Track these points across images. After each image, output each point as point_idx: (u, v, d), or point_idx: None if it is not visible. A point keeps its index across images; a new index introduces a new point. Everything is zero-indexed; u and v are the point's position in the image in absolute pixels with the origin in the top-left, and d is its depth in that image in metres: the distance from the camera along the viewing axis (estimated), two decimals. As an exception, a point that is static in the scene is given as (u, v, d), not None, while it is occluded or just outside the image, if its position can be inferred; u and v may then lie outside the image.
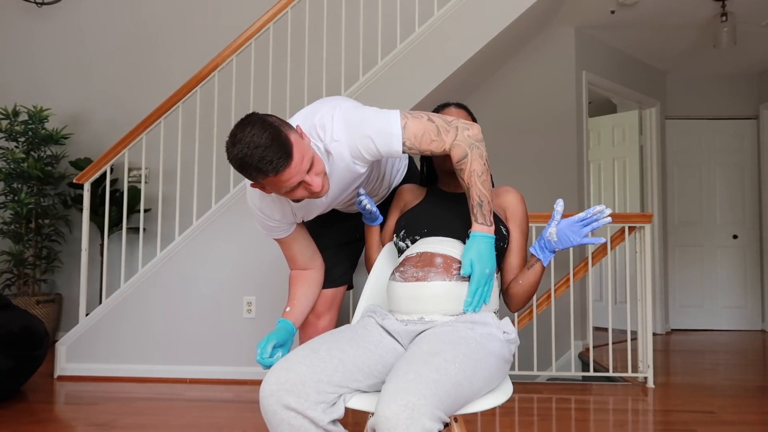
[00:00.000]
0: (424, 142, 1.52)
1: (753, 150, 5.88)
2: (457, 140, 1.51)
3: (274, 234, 1.72)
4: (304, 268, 1.80)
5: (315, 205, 1.69)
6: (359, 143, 1.52)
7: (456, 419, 1.31)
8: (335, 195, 1.68)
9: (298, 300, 1.75)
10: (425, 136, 1.51)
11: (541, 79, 4.68)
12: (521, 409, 2.86)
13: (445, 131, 1.52)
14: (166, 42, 4.80)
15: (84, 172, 3.56)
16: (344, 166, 1.57)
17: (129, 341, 3.43)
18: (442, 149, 1.52)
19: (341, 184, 1.63)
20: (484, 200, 1.51)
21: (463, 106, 1.76)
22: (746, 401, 3.06)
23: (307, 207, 1.68)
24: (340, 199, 1.73)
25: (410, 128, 1.51)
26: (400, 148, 1.51)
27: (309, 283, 1.80)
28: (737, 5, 4.30)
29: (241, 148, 1.35)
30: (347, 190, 1.70)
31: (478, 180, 1.50)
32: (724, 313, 5.81)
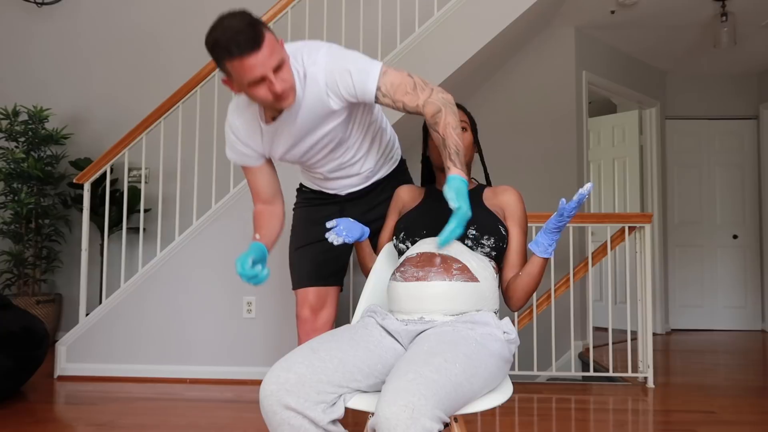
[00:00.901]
0: (399, 92, 1.57)
1: (753, 150, 5.88)
2: (431, 99, 1.56)
3: (243, 160, 1.78)
4: (267, 203, 1.84)
5: (283, 133, 1.70)
6: (337, 74, 1.57)
7: (456, 419, 1.31)
8: (303, 128, 1.68)
9: (265, 230, 1.77)
10: (401, 86, 1.57)
11: (541, 79, 4.68)
12: (521, 409, 2.86)
13: (421, 89, 1.58)
14: (166, 42, 4.80)
15: (84, 172, 3.56)
16: (317, 94, 1.60)
17: (129, 341, 3.43)
18: (415, 104, 1.57)
19: (311, 116, 1.65)
20: (461, 150, 1.53)
21: (460, 106, 1.76)
22: (746, 401, 3.06)
23: (274, 132, 1.70)
24: (308, 140, 1.72)
25: (389, 76, 1.58)
26: (374, 89, 1.57)
27: (272, 216, 1.83)
28: (737, 5, 4.30)
29: (217, 31, 1.45)
30: (318, 130, 1.69)
31: (454, 131, 1.53)
32: (724, 313, 5.81)
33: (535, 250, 1.49)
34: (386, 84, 1.57)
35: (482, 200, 1.68)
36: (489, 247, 1.57)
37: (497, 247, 1.58)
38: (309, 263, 1.98)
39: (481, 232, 1.57)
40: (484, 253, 1.57)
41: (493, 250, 1.58)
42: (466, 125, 1.73)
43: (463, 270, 1.50)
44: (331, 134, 1.72)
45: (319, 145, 1.75)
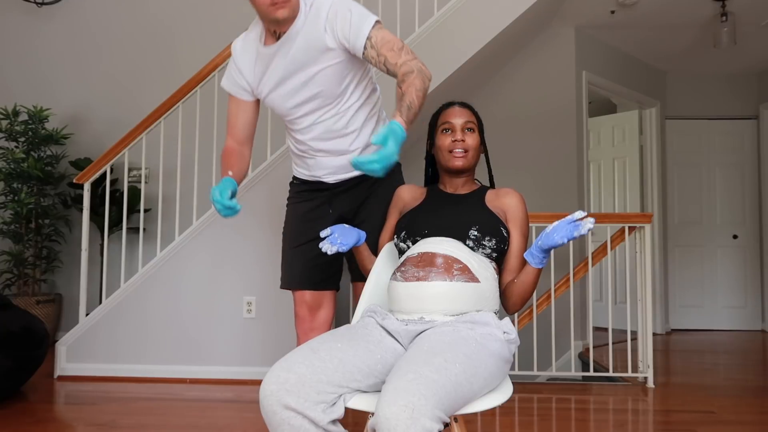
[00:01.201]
0: (385, 47, 1.65)
1: (753, 150, 5.88)
2: (410, 63, 1.63)
3: (233, 89, 1.87)
4: (238, 142, 1.92)
5: (277, 64, 1.76)
6: (339, 9, 1.68)
7: (456, 419, 1.31)
8: (296, 61, 1.74)
9: (236, 168, 1.85)
10: (389, 43, 1.65)
11: (541, 79, 4.68)
12: (521, 409, 2.86)
13: (405, 52, 1.66)
14: (166, 42, 4.80)
15: (84, 172, 3.56)
16: (316, 26, 1.69)
17: (129, 341, 3.43)
18: (394, 62, 1.64)
19: (306, 49, 1.72)
20: (413, 108, 1.54)
21: (468, 105, 1.75)
22: (746, 401, 3.06)
23: (269, 59, 1.77)
24: (298, 77, 1.76)
25: (382, 31, 1.68)
26: (366, 35, 1.66)
27: (242, 157, 1.91)
28: (737, 5, 4.30)
29: None
30: (309, 67, 1.73)
31: (415, 92, 1.56)
32: (724, 313, 5.81)
33: (529, 261, 1.48)
34: (377, 36, 1.66)
35: (484, 202, 1.68)
36: (490, 248, 1.57)
37: (498, 248, 1.58)
38: (301, 267, 1.96)
39: (482, 233, 1.57)
40: (485, 254, 1.57)
41: (494, 251, 1.58)
42: (474, 126, 1.71)
43: (464, 270, 1.50)
44: (322, 78, 1.75)
45: (308, 88, 1.77)
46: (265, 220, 3.39)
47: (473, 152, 1.70)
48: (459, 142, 1.68)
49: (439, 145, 1.72)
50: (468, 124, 1.70)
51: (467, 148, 1.68)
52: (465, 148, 1.68)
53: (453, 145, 1.68)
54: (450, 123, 1.70)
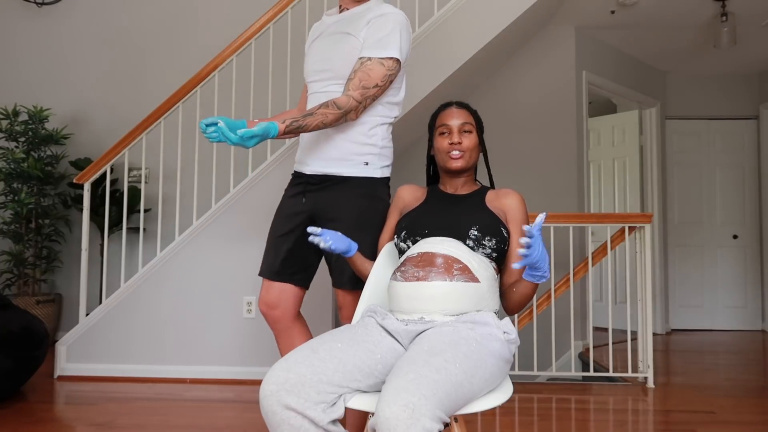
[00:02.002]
0: (362, 74, 1.79)
1: (753, 150, 5.88)
2: (350, 102, 1.77)
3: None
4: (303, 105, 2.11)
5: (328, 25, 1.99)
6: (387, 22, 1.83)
7: (456, 419, 1.31)
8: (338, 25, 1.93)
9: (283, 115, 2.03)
10: (367, 78, 1.79)
11: (541, 79, 4.68)
12: (521, 409, 2.86)
13: (361, 92, 1.79)
14: (166, 42, 4.80)
15: (84, 172, 3.56)
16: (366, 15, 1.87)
17: (129, 341, 3.43)
18: (348, 87, 1.79)
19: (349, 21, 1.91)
20: (302, 129, 1.71)
21: (465, 105, 1.75)
22: (746, 401, 3.06)
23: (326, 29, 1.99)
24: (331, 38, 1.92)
25: (381, 68, 1.81)
26: (372, 55, 1.80)
27: None
28: (737, 5, 4.30)
29: None
30: (342, 36, 1.89)
31: (319, 122, 1.73)
32: (724, 313, 5.81)
33: (530, 280, 1.44)
34: (373, 66, 1.80)
35: (485, 202, 1.68)
36: (490, 248, 1.57)
37: (498, 248, 1.58)
38: (272, 257, 1.98)
39: (483, 233, 1.57)
40: (485, 254, 1.57)
41: (494, 251, 1.58)
42: (471, 127, 1.71)
43: (463, 270, 1.50)
44: (341, 53, 1.87)
45: (330, 53, 1.90)
46: (265, 219, 3.39)
47: (471, 153, 1.70)
48: (456, 144, 1.68)
49: (437, 147, 1.72)
50: (465, 125, 1.70)
51: (464, 149, 1.68)
52: (462, 150, 1.68)
53: (450, 148, 1.68)
54: (447, 125, 1.70)
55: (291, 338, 2.04)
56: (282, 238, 1.97)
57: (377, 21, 1.82)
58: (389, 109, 1.91)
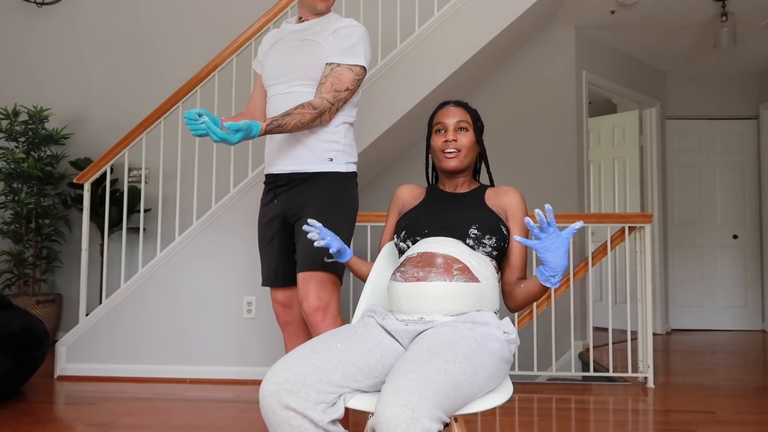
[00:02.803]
0: (333, 79, 1.92)
1: (753, 150, 5.88)
2: (323, 103, 1.88)
3: (257, 66, 2.19)
4: (250, 112, 2.19)
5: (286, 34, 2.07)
6: (351, 33, 1.96)
7: (456, 419, 1.31)
8: (298, 33, 2.03)
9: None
10: (338, 82, 1.92)
11: (541, 79, 4.68)
12: (521, 409, 2.86)
13: (334, 94, 1.91)
14: (166, 42, 4.80)
15: (84, 172, 3.56)
16: (330, 25, 2.00)
17: (129, 341, 3.43)
18: (320, 90, 1.92)
19: (312, 29, 2.02)
20: (282, 129, 1.80)
21: (463, 104, 1.74)
22: (746, 401, 3.06)
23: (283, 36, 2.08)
24: (292, 44, 2.02)
25: (350, 73, 1.94)
26: (340, 61, 1.94)
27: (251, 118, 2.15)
28: (737, 5, 4.30)
29: None
30: (305, 41, 2.00)
31: (297, 122, 1.83)
32: (724, 313, 5.81)
33: (539, 277, 1.40)
34: (342, 72, 1.93)
35: (484, 200, 1.68)
36: (490, 246, 1.57)
37: (498, 246, 1.58)
38: (266, 268, 2.09)
39: (482, 231, 1.57)
40: (486, 252, 1.57)
41: (494, 249, 1.57)
42: (467, 125, 1.70)
43: (463, 270, 1.50)
44: (307, 55, 1.99)
45: (294, 55, 2.00)
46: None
47: (466, 151, 1.69)
48: (451, 142, 1.67)
49: (432, 145, 1.72)
50: (461, 123, 1.69)
51: (459, 147, 1.67)
52: (457, 148, 1.67)
53: (445, 145, 1.68)
54: (442, 123, 1.70)
55: (299, 342, 2.11)
56: (269, 246, 2.06)
57: (344, 31, 1.97)
58: (350, 110, 2.05)
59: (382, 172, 4.56)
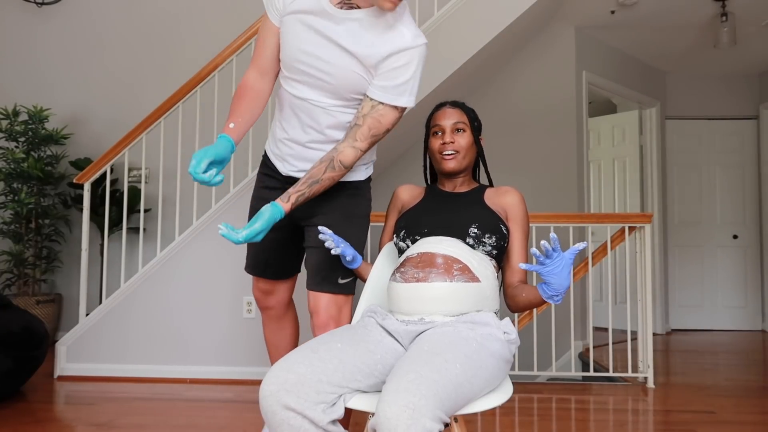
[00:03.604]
0: (372, 121, 1.62)
1: (753, 150, 5.88)
2: (355, 154, 1.64)
3: (270, 7, 1.68)
4: (261, 72, 1.76)
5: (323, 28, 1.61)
6: (406, 65, 1.59)
7: (456, 419, 1.31)
8: (337, 36, 1.60)
9: (242, 115, 1.71)
10: (376, 125, 1.63)
11: (541, 79, 4.68)
12: (521, 409, 2.86)
13: (368, 141, 1.64)
14: (166, 42, 4.80)
15: (84, 172, 3.56)
16: (381, 44, 1.59)
17: (129, 341, 3.43)
18: (355, 134, 1.63)
19: (354, 39, 1.60)
20: (306, 196, 1.60)
21: (459, 105, 1.74)
22: (746, 401, 3.06)
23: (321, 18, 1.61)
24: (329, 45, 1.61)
25: (392, 114, 1.63)
26: (384, 100, 1.61)
27: (256, 98, 1.76)
28: (737, 5, 4.29)
29: None
30: (343, 51, 1.61)
31: (322, 186, 1.62)
32: (724, 313, 5.81)
33: (541, 294, 1.39)
34: (385, 111, 1.63)
35: (484, 200, 1.68)
36: (491, 245, 1.57)
37: (498, 246, 1.58)
38: (254, 257, 1.97)
39: (482, 230, 1.57)
40: (485, 252, 1.57)
41: (494, 249, 1.57)
42: (465, 126, 1.69)
43: (464, 270, 1.50)
44: (343, 72, 1.63)
45: (327, 62, 1.63)
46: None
47: (464, 152, 1.69)
48: (448, 144, 1.67)
49: (430, 147, 1.73)
50: (458, 125, 1.69)
51: (457, 149, 1.68)
52: (455, 150, 1.67)
53: (443, 148, 1.68)
54: (439, 125, 1.70)
55: (281, 327, 2.03)
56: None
57: (397, 59, 1.58)
58: None
59: (382, 172, 4.57)
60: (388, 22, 1.59)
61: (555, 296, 1.36)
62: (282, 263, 1.97)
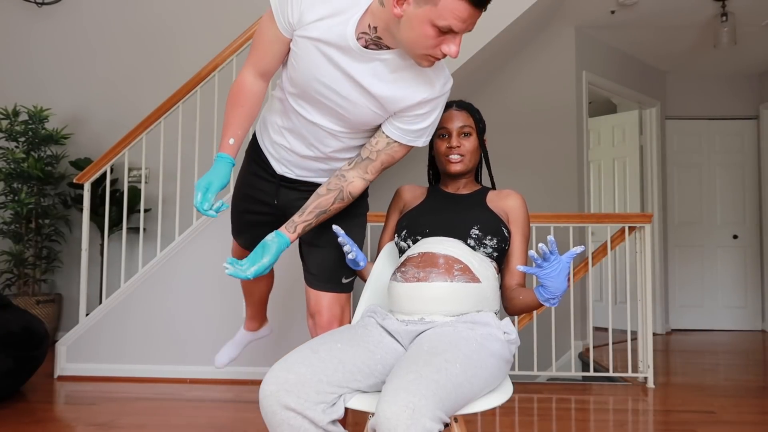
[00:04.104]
0: (383, 157, 1.61)
1: (753, 150, 5.88)
2: (362, 185, 1.65)
3: (281, 18, 1.49)
4: (259, 75, 1.63)
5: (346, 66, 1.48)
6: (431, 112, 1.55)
7: (456, 419, 1.31)
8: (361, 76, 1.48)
9: (241, 127, 1.64)
10: (387, 159, 1.62)
11: (541, 79, 4.68)
12: (521, 409, 2.86)
13: (374, 173, 1.64)
14: (166, 42, 4.80)
15: (84, 172, 3.56)
16: (412, 91, 1.50)
17: (129, 341, 3.43)
18: (366, 168, 1.63)
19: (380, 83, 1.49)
20: (311, 226, 1.61)
21: (466, 106, 1.73)
22: (746, 401, 3.06)
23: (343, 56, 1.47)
24: (347, 82, 1.49)
25: (402, 150, 1.63)
26: (399, 139, 1.58)
27: (255, 100, 1.65)
28: (737, 5, 4.30)
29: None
30: (364, 90, 1.50)
31: (327, 215, 1.63)
32: (724, 313, 5.81)
33: (538, 297, 1.39)
34: (396, 148, 1.61)
35: (485, 202, 1.68)
36: (491, 247, 1.57)
37: (499, 248, 1.58)
38: (236, 228, 1.98)
39: (484, 232, 1.57)
40: (486, 253, 1.57)
41: (495, 250, 1.57)
42: (471, 129, 1.69)
43: (464, 270, 1.50)
44: (360, 110, 1.55)
45: (344, 97, 1.53)
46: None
47: (470, 156, 1.69)
48: (455, 148, 1.67)
49: (436, 150, 1.73)
50: (464, 128, 1.69)
51: (463, 153, 1.68)
52: (461, 153, 1.68)
53: (449, 151, 1.68)
54: (446, 128, 1.70)
55: (258, 279, 2.05)
56: (246, 217, 1.91)
57: (423, 107, 1.52)
58: None
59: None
60: (416, 68, 1.48)
61: (551, 299, 1.36)
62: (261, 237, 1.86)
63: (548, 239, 1.30)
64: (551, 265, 1.30)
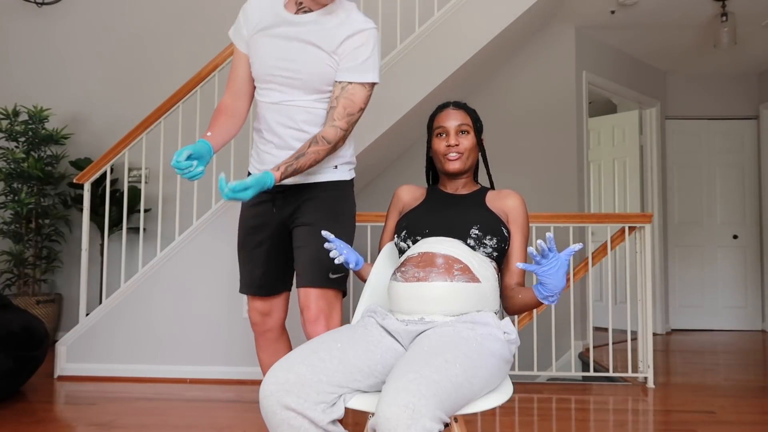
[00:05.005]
0: (345, 101, 1.76)
1: (753, 150, 5.88)
2: (337, 133, 1.74)
3: (237, 39, 1.92)
4: (234, 95, 1.93)
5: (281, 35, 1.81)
6: (363, 45, 1.77)
7: (456, 419, 1.31)
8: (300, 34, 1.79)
9: (220, 128, 1.85)
10: (350, 104, 1.76)
11: (541, 79, 4.68)
12: (521, 409, 2.86)
13: (347, 120, 1.76)
14: (166, 42, 4.80)
15: (84, 172, 3.56)
16: (337, 31, 1.77)
17: (129, 341, 3.43)
18: (332, 116, 1.75)
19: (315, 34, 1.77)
20: (297, 171, 1.68)
21: (462, 106, 1.74)
22: (746, 401, 3.06)
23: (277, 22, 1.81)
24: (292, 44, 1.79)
25: (363, 91, 1.79)
26: (352, 79, 1.76)
27: (234, 114, 1.92)
28: (737, 5, 4.30)
29: None
30: (307, 46, 1.78)
31: (311, 161, 1.70)
32: (724, 313, 5.81)
33: (537, 295, 1.39)
34: (355, 90, 1.77)
35: (485, 202, 1.68)
36: (491, 247, 1.57)
37: (499, 248, 1.58)
38: (249, 275, 1.98)
39: (484, 232, 1.57)
40: (486, 253, 1.57)
41: (495, 250, 1.58)
42: (468, 128, 1.70)
43: (464, 270, 1.50)
44: (310, 66, 1.79)
45: (295, 60, 1.79)
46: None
47: (468, 154, 1.69)
48: (453, 146, 1.67)
49: (434, 149, 1.72)
50: (462, 126, 1.69)
51: (462, 151, 1.68)
52: (459, 152, 1.68)
53: (447, 150, 1.68)
54: (443, 127, 1.70)
55: (278, 351, 2.03)
56: (255, 252, 1.95)
57: (354, 41, 1.76)
58: None
59: (383, 172, 4.57)
60: (339, 17, 1.79)
61: (550, 297, 1.37)
62: (275, 277, 1.97)
63: (546, 236, 1.30)
64: (550, 262, 1.31)
